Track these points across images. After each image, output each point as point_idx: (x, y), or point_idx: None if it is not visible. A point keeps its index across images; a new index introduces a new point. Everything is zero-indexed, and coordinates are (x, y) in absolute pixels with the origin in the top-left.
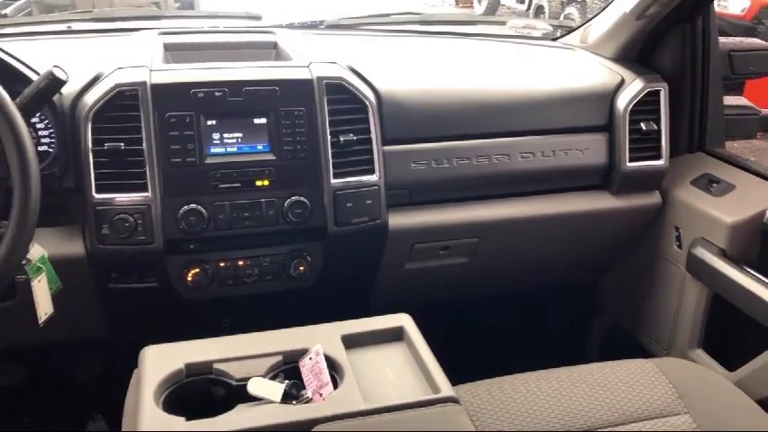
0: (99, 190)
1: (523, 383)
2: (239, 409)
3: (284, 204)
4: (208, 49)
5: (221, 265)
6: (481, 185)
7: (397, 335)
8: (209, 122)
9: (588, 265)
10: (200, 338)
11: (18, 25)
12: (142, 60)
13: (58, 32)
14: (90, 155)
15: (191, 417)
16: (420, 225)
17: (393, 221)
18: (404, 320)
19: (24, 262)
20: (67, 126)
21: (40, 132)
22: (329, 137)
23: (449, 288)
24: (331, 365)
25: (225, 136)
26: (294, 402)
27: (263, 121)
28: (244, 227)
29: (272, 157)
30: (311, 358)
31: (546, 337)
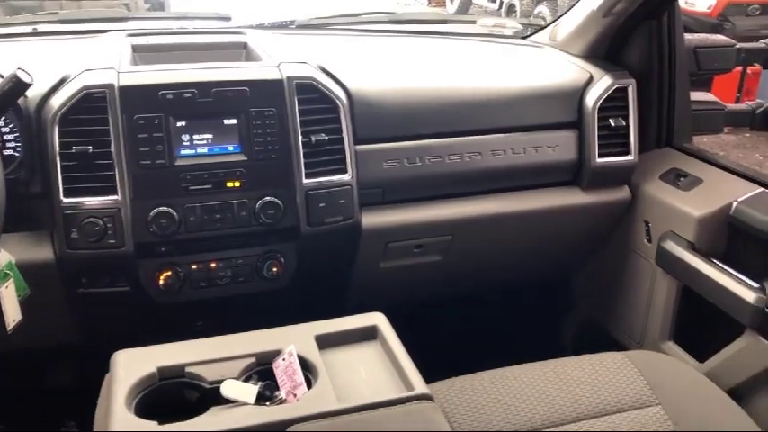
0: (67, 194)
1: (497, 379)
2: (213, 411)
3: (256, 205)
4: (177, 51)
5: (193, 267)
6: (453, 183)
7: (370, 334)
8: (178, 124)
9: (560, 261)
10: (174, 342)
11: None
12: (110, 62)
13: (23, 35)
14: (57, 158)
15: (164, 421)
16: (393, 224)
17: (366, 221)
18: (377, 319)
19: None
20: (33, 130)
21: (5, 136)
22: (300, 137)
23: (424, 286)
24: (304, 366)
25: (195, 137)
26: (268, 403)
27: (233, 121)
28: (215, 229)
29: (242, 158)
30: (284, 359)
31: (520, 333)
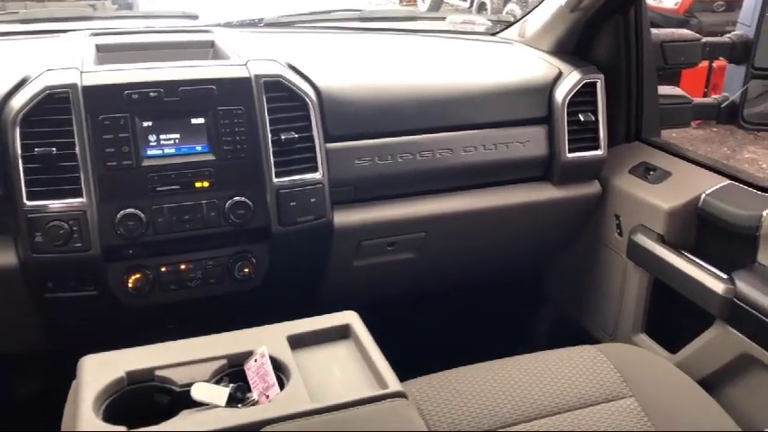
0: (30, 197)
1: (471, 375)
2: (183, 415)
3: (225, 205)
4: (142, 50)
5: (163, 269)
6: (426, 180)
7: (343, 333)
8: (144, 124)
9: (533, 256)
10: (144, 345)
11: None
12: (72, 62)
13: None
14: (19, 161)
15: (133, 426)
16: (366, 222)
17: (339, 219)
18: (350, 318)
19: None
20: None
21: None
22: (270, 135)
23: (398, 284)
24: (277, 367)
25: (162, 137)
26: (240, 405)
27: (200, 121)
28: (184, 230)
29: (211, 158)
30: (256, 360)
31: (494, 329)
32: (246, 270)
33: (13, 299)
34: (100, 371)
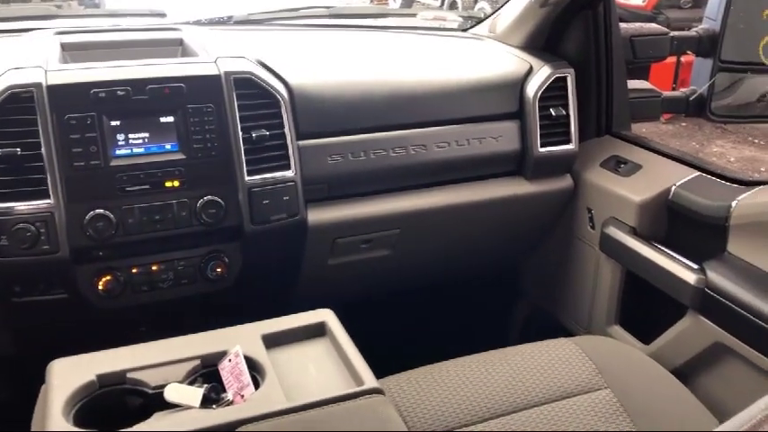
0: None
1: (448, 371)
2: (157, 417)
3: (197, 205)
4: (109, 48)
5: (134, 271)
6: (399, 177)
7: (319, 331)
8: (112, 123)
9: (507, 251)
10: (115, 348)
11: None
12: (37, 61)
13: None
14: None
15: (105, 430)
16: (340, 219)
17: (312, 217)
18: (326, 316)
19: None
20: None
21: None
22: (241, 133)
23: (373, 281)
24: (251, 366)
25: (130, 136)
26: (214, 406)
27: (170, 119)
28: (155, 230)
29: (181, 157)
30: (230, 360)
31: (470, 325)
32: (219, 270)
33: None
34: (70, 374)
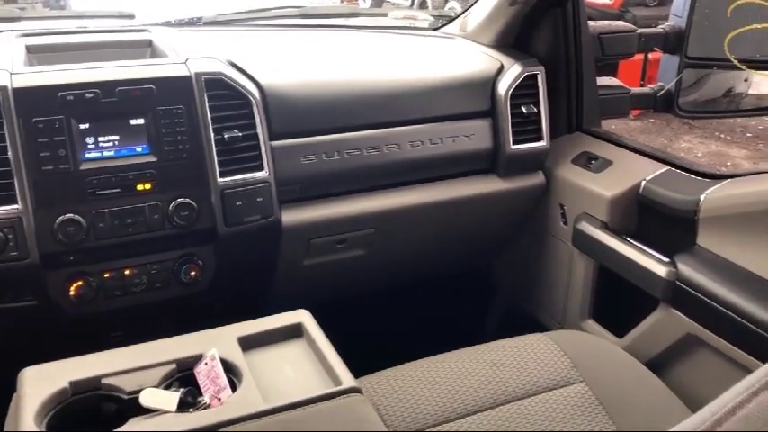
0: None
1: (425, 368)
2: (132, 422)
3: (169, 207)
4: (76, 50)
5: (106, 276)
6: (373, 176)
7: (295, 332)
8: (81, 126)
9: (482, 248)
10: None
11: None
12: (1, 63)
13: None
14: None
15: None
16: (315, 220)
17: (287, 218)
18: (302, 317)
19: None
20: None
21: None
22: (212, 135)
23: (349, 281)
24: (228, 369)
25: (100, 139)
26: (191, 410)
27: (140, 121)
28: (127, 234)
29: (152, 159)
30: (206, 363)
31: (447, 323)
32: (193, 273)
33: None
34: (42, 382)
